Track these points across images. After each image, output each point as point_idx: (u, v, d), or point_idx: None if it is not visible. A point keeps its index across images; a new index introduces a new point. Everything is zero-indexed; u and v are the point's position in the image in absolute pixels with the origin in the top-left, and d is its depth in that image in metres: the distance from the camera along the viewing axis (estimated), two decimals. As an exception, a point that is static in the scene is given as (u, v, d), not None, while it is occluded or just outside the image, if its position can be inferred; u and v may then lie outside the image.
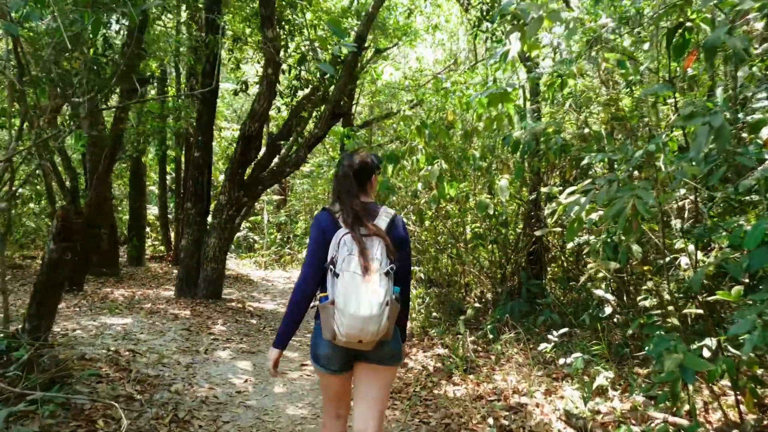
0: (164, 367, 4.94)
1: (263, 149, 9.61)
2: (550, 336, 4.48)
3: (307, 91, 9.61)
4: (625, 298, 5.13)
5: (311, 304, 2.45)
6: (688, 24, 3.06)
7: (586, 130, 5.40)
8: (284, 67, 9.44)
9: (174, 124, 12.48)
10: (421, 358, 5.66)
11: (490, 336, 5.93)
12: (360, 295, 2.21)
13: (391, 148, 6.42)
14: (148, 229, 17.06)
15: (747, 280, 3.32)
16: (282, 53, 8.62)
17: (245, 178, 8.57)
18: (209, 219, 8.97)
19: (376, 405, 2.48)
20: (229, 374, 5.05)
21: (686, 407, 3.50)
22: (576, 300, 7.02)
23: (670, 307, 4.31)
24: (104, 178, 8.10)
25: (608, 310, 4.34)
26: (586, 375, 4.69)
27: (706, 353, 3.32)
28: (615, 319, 5.39)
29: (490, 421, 3.93)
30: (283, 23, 7.75)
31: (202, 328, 6.57)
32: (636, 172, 3.76)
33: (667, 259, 3.96)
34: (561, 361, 4.27)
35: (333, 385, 2.52)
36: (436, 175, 5.58)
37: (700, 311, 4.06)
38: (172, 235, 14.90)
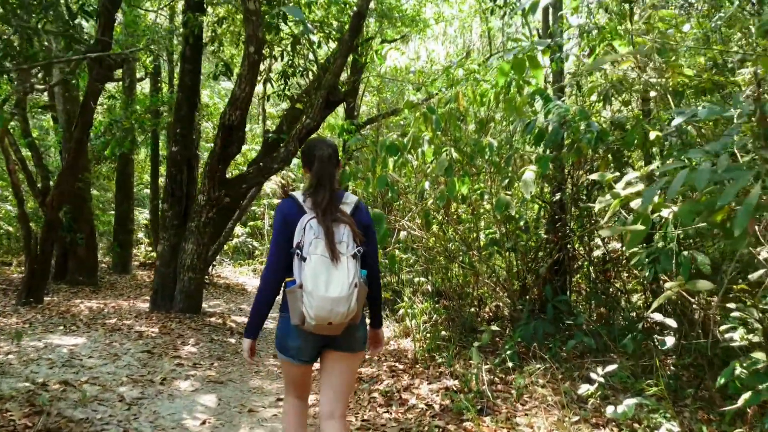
0: (100, 404, 3.93)
1: (259, 146, 8.66)
2: (593, 374, 3.41)
3: (305, 83, 8.67)
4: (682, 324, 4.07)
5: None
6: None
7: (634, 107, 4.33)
8: (275, 54, 8.48)
9: (165, 119, 11.59)
10: (426, 392, 4.60)
11: (510, 364, 4.87)
12: (329, 276, 2.21)
13: (392, 138, 5.38)
14: (141, 234, 16.19)
15: None
16: (272, 36, 7.65)
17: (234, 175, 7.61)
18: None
19: (343, 390, 2.49)
20: (184, 413, 4.03)
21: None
22: (605, 317, 5.98)
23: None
24: (68, 174, 7.13)
25: (670, 340, 3.27)
26: (636, 422, 3.65)
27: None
28: (655, 341, 4.36)
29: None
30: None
31: (168, 350, 5.56)
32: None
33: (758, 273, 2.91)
34: (609, 410, 3.19)
35: (299, 375, 2.51)
36: (444, 167, 4.55)
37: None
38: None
